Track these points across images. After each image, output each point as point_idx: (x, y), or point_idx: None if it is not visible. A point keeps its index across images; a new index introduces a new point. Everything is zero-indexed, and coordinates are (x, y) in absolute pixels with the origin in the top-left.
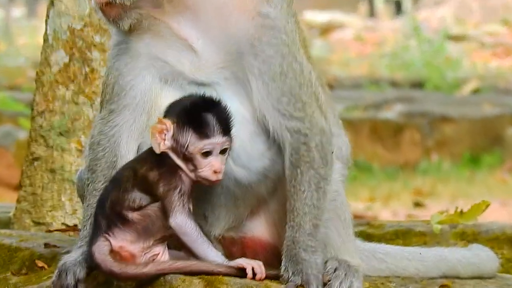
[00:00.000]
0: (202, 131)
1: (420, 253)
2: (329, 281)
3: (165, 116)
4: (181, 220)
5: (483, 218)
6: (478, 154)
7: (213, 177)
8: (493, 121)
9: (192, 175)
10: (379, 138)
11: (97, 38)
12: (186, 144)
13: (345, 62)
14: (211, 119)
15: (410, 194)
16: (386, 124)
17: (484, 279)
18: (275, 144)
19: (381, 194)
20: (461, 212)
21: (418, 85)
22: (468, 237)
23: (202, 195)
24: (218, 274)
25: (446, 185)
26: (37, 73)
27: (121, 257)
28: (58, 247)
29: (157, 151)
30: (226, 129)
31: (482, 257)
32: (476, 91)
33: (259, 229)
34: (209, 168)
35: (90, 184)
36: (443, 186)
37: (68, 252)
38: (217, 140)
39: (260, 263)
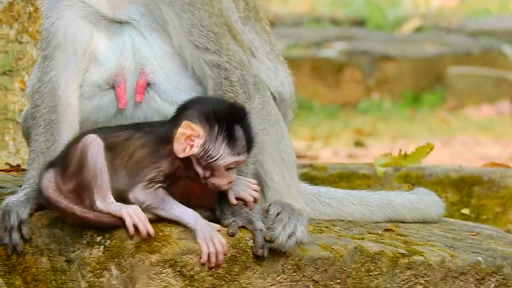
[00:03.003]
0: (235, 148)
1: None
2: (272, 224)
3: (186, 116)
4: (141, 197)
5: (426, 159)
6: (419, 94)
7: (226, 187)
8: (434, 60)
9: (203, 180)
10: (320, 76)
11: None
12: (217, 157)
13: None
14: (243, 135)
15: (350, 133)
16: (327, 62)
17: (429, 223)
18: None
19: (321, 133)
20: (405, 154)
21: (359, 23)
22: (412, 180)
23: None
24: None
25: (387, 125)
26: None
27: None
28: (2, 187)
29: (180, 155)
30: (251, 147)
31: (428, 202)
32: (417, 30)
33: None
34: (227, 179)
35: (32, 130)
36: (384, 125)
37: (12, 193)
38: (243, 158)
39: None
